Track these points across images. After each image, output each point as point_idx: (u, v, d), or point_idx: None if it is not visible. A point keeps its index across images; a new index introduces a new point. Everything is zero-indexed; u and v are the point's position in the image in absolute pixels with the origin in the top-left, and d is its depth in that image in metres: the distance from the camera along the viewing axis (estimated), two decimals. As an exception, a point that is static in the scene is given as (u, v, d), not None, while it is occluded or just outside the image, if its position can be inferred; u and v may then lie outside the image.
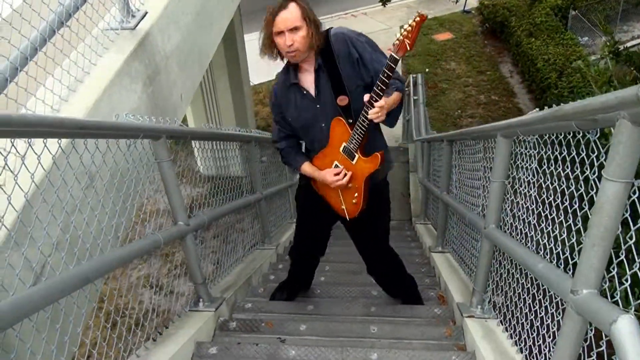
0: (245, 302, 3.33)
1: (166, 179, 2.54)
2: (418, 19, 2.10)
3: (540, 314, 2.05)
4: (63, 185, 1.99)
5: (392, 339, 2.85)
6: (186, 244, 2.73)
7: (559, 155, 1.85)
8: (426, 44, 13.18)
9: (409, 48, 2.16)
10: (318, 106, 2.51)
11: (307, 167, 2.71)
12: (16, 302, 1.42)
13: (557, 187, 1.89)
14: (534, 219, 2.12)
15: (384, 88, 2.22)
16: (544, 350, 1.99)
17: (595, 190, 1.50)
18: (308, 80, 2.51)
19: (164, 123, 2.64)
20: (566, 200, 1.81)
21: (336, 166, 2.59)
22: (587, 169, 1.60)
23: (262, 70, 10.58)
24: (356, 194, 2.64)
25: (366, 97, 2.27)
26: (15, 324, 1.45)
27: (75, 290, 1.73)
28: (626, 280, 1.37)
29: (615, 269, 1.44)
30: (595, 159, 1.54)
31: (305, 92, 2.51)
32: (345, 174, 2.56)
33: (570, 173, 1.76)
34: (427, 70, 12.14)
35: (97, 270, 1.82)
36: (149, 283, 5.91)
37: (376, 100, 2.24)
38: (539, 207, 2.08)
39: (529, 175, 2.20)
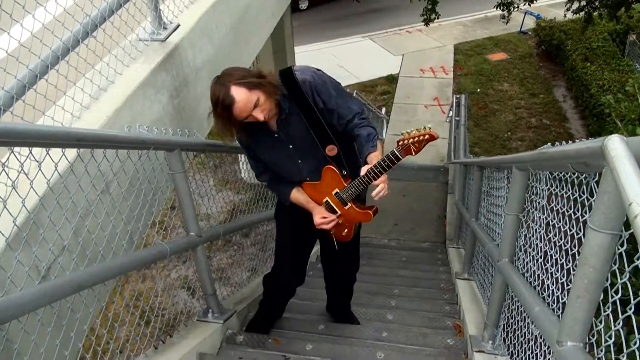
0: (257, 316, 3.33)
1: (179, 190, 2.58)
2: (428, 136, 2.15)
3: (541, 357, 1.96)
4: (78, 190, 2.05)
5: (397, 368, 2.80)
6: (197, 255, 2.76)
7: (564, 194, 1.77)
8: (479, 64, 12.97)
9: (413, 154, 2.21)
10: (290, 146, 2.44)
11: (298, 196, 2.61)
12: (4, 303, 1.46)
13: (562, 226, 1.81)
14: (541, 257, 2.04)
15: (382, 172, 2.23)
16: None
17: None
18: (276, 124, 2.41)
19: (182, 135, 2.69)
20: (568, 242, 1.73)
21: (327, 202, 2.58)
22: (586, 212, 1.53)
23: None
24: (346, 230, 2.71)
25: (363, 170, 2.28)
26: (6, 322, 1.51)
27: (68, 295, 1.77)
28: (610, 337, 1.29)
29: (603, 323, 1.36)
30: (593, 203, 1.46)
31: (276, 134, 2.41)
32: (333, 221, 2.57)
33: (572, 214, 1.69)
34: (478, 90, 11.94)
35: (91, 278, 1.85)
36: (185, 285, 6.02)
37: (374, 178, 2.26)
38: (546, 245, 2.00)
39: (538, 210, 2.12)
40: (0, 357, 1.63)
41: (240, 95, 2.11)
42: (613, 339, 1.28)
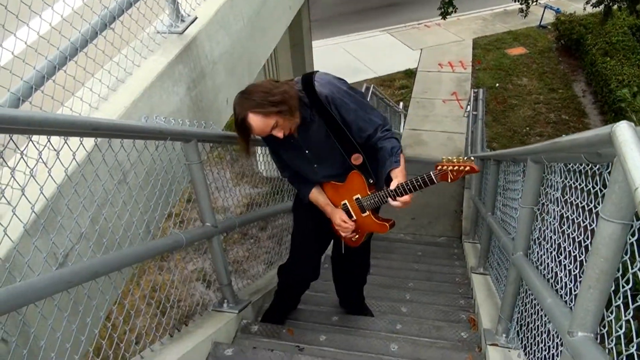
0: (272, 307, 3.35)
1: (195, 181, 2.61)
2: (469, 169, 2.17)
3: (552, 350, 1.96)
4: (96, 179, 2.09)
5: None
6: (213, 245, 2.79)
7: (578, 186, 1.77)
8: (499, 58, 12.83)
9: (448, 181, 2.24)
10: (307, 152, 2.45)
11: (317, 197, 2.63)
12: (18, 289, 1.50)
13: (575, 218, 1.80)
14: (555, 250, 2.03)
15: (412, 190, 2.26)
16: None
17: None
18: (296, 130, 2.37)
19: (198, 126, 2.72)
20: (581, 233, 1.73)
21: (344, 205, 2.60)
22: (599, 203, 1.52)
23: (328, 76, 10.64)
24: (357, 236, 2.72)
25: (393, 184, 2.29)
26: (23, 306, 1.54)
27: (85, 281, 1.80)
28: (620, 327, 1.29)
29: (614, 313, 1.36)
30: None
31: (292, 140, 2.40)
32: (351, 228, 2.60)
33: (586, 205, 1.68)
34: (497, 85, 11.82)
35: (107, 265, 1.88)
36: (202, 277, 6.08)
37: (401, 194, 2.28)
38: (559, 238, 1.99)
39: (553, 203, 2.11)
40: (17, 341, 1.67)
41: (257, 122, 2.15)
42: (623, 330, 1.28)
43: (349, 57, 12.95)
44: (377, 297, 3.81)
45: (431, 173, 2.22)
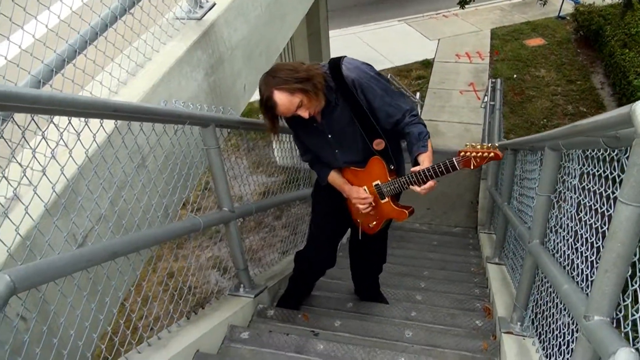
0: (287, 293, 3.38)
1: (213, 165, 2.63)
2: (493, 155, 2.17)
3: (567, 337, 1.96)
4: (116, 161, 2.13)
5: (425, 346, 2.82)
6: (229, 230, 2.82)
7: (596, 172, 1.76)
8: (517, 49, 12.70)
9: (471, 168, 2.24)
10: (330, 136, 2.46)
11: (335, 178, 2.64)
12: (40, 266, 1.54)
13: (592, 205, 1.80)
14: (572, 237, 2.03)
15: (433, 176, 2.26)
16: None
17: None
18: (320, 113, 2.41)
19: (216, 112, 2.74)
20: (598, 220, 1.72)
21: (364, 190, 2.60)
22: (617, 188, 1.52)
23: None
24: (374, 222, 2.71)
25: (415, 169, 2.29)
26: (39, 285, 1.58)
27: (104, 261, 1.84)
28: (637, 311, 1.29)
29: (630, 298, 1.36)
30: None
31: (315, 123, 2.43)
32: (370, 205, 2.58)
33: (603, 192, 1.67)
34: (514, 75, 11.71)
35: (126, 246, 1.91)
36: (217, 265, 6.13)
37: (424, 181, 2.28)
38: (576, 225, 1.98)
39: (570, 191, 2.10)
40: (37, 317, 1.71)
41: (282, 100, 2.17)
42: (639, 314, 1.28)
43: (365, 47, 12.89)
44: (392, 285, 3.82)
45: (454, 159, 2.21)
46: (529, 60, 12.23)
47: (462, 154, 2.20)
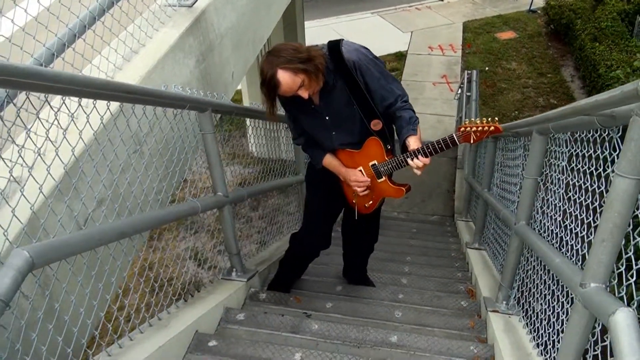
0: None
1: (209, 150, 2.67)
2: (493, 128, 2.21)
3: (557, 309, 2.07)
4: (109, 145, 2.15)
5: (414, 325, 2.91)
6: (223, 214, 2.86)
7: (586, 153, 1.87)
8: (488, 42, 12.94)
9: (471, 142, 2.29)
10: (327, 118, 2.51)
11: (331, 160, 2.68)
12: (54, 243, 1.57)
13: (582, 184, 1.91)
14: (560, 216, 2.14)
15: (432, 153, 2.30)
16: (557, 345, 2.01)
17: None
18: (318, 95, 2.46)
19: (212, 98, 2.77)
20: (588, 197, 1.83)
21: (360, 172, 2.64)
22: (608, 166, 1.62)
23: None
24: (370, 202, 2.76)
25: (413, 145, 2.34)
26: (53, 262, 1.61)
27: (112, 241, 1.87)
28: (632, 276, 1.39)
29: (624, 265, 1.46)
30: (616, 157, 1.55)
31: (312, 105, 2.48)
32: (367, 188, 2.64)
33: (594, 171, 1.78)
34: (487, 68, 11.93)
35: (132, 227, 1.95)
36: (195, 256, 6.15)
37: (425, 156, 2.32)
38: (565, 204, 2.10)
39: (558, 172, 2.21)
40: (49, 294, 1.74)
41: (285, 79, 2.19)
42: (634, 278, 1.39)
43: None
44: (377, 269, 3.91)
45: (454, 134, 2.27)
46: (501, 53, 12.46)
47: (462, 129, 2.26)
